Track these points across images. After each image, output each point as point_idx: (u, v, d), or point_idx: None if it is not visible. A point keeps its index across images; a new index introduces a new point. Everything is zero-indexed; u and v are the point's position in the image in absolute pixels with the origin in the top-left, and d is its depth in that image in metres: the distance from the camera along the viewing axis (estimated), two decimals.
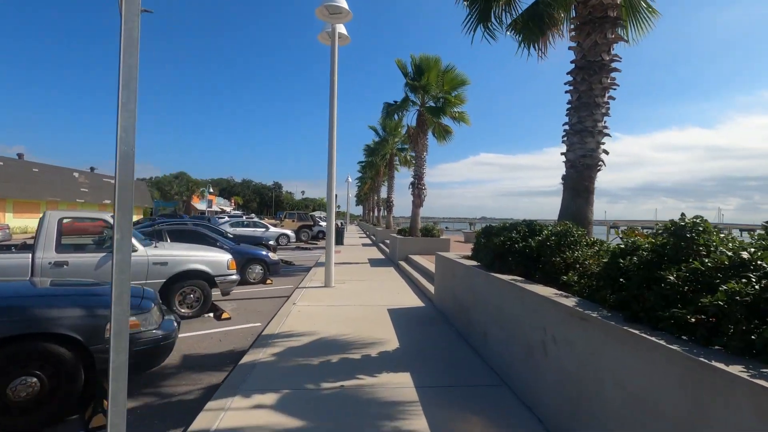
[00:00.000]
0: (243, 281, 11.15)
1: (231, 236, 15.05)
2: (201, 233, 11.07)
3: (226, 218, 40.28)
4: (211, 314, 7.85)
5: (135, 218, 48.98)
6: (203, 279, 7.76)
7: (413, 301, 8.56)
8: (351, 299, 8.59)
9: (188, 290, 7.63)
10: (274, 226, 30.95)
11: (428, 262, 12.19)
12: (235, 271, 8.27)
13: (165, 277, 7.30)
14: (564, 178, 5.93)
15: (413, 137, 15.87)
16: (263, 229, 25.92)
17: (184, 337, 6.43)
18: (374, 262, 15.65)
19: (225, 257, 8.12)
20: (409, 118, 16.96)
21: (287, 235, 26.57)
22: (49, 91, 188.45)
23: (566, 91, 6.00)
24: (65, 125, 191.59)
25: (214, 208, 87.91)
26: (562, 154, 5.99)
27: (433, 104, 16.10)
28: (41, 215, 6.93)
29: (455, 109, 15.97)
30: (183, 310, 7.55)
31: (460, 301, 6.10)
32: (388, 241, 21.61)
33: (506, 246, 4.98)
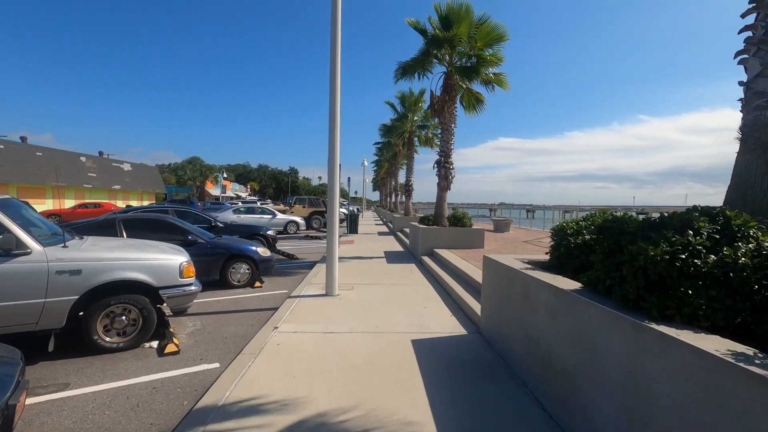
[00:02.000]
0: (225, 284, 8.75)
1: (221, 225, 12.63)
2: (168, 224, 8.61)
3: (239, 204, 38.28)
4: (155, 343, 5.39)
5: (144, 204, 47.36)
6: (142, 292, 5.28)
7: (448, 323, 5.95)
8: (358, 319, 6.03)
9: (118, 309, 5.17)
10: (283, 212, 28.60)
11: (461, 261, 9.54)
12: (192, 279, 5.77)
13: (79, 292, 4.84)
14: (745, 129, 3.20)
15: (438, 106, 13.09)
16: (270, 216, 23.54)
17: (80, 395, 3.97)
18: (391, 257, 13.06)
19: (176, 260, 5.61)
20: (434, 84, 14.13)
21: (296, 223, 24.15)
22: (75, 83, 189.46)
23: None
24: (89, 116, 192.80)
25: (229, 193, 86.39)
26: (741, 84, 3.26)
27: (463, 64, 13.23)
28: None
29: (491, 71, 13.09)
30: (109, 340, 5.10)
31: (549, 353, 3.44)
32: (407, 230, 18.99)
33: (675, 263, 2.31)
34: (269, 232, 13.38)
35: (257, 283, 9.07)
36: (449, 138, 13.35)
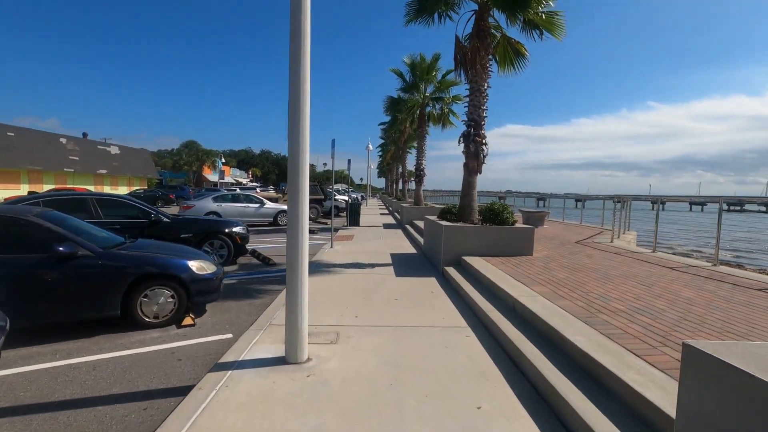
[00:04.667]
0: (132, 322, 5.34)
1: (167, 220, 9.20)
2: (25, 224, 5.09)
3: (237, 190, 34.96)
4: None
5: (130, 190, 44.05)
6: None
7: None
8: None
9: None
10: (275, 200, 25.18)
11: (519, 285, 6.02)
12: None
13: None
14: None
15: (469, 56, 9.48)
16: (257, 205, 20.15)
17: None
18: (401, 264, 9.59)
19: None
20: (459, 29, 10.49)
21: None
22: (81, 65, 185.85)
23: None
24: (95, 101, 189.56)
25: (228, 179, 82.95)
26: None
27: None
28: None
29: (541, 10, 9.43)
30: None
31: None
32: (419, 224, 15.50)
33: None
34: (236, 229, 9.92)
35: (188, 319, 5.63)
36: (481, 101, 9.73)
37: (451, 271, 7.98)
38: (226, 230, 9.71)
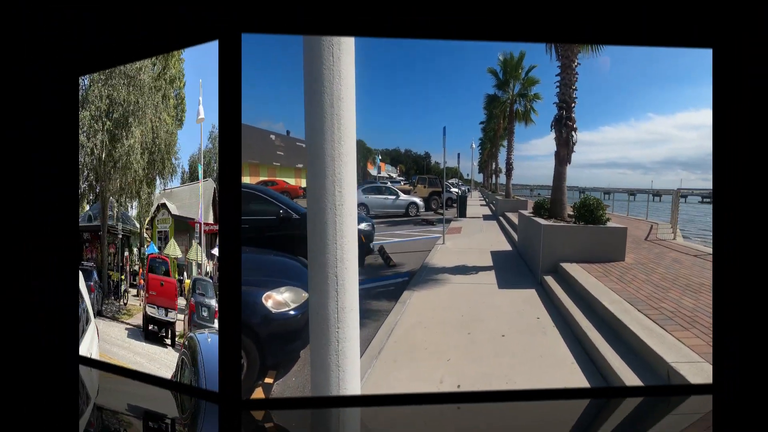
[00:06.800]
0: None
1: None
2: None
3: (388, 183, 33.66)
4: None
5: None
6: None
7: None
8: None
9: None
10: (407, 192, 23.12)
11: (644, 323, 3.13)
12: None
13: None
14: None
15: None
16: (393, 197, 18.21)
17: None
18: (501, 267, 6.99)
19: None
20: None
21: (416, 204, 18.31)
22: None
23: None
24: None
25: (383, 174, 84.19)
26: None
27: None
28: None
29: None
30: None
31: None
32: (510, 216, 12.20)
33: None
34: (361, 226, 5.82)
35: None
36: (571, 80, 6.34)
37: (551, 282, 5.24)
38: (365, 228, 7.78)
